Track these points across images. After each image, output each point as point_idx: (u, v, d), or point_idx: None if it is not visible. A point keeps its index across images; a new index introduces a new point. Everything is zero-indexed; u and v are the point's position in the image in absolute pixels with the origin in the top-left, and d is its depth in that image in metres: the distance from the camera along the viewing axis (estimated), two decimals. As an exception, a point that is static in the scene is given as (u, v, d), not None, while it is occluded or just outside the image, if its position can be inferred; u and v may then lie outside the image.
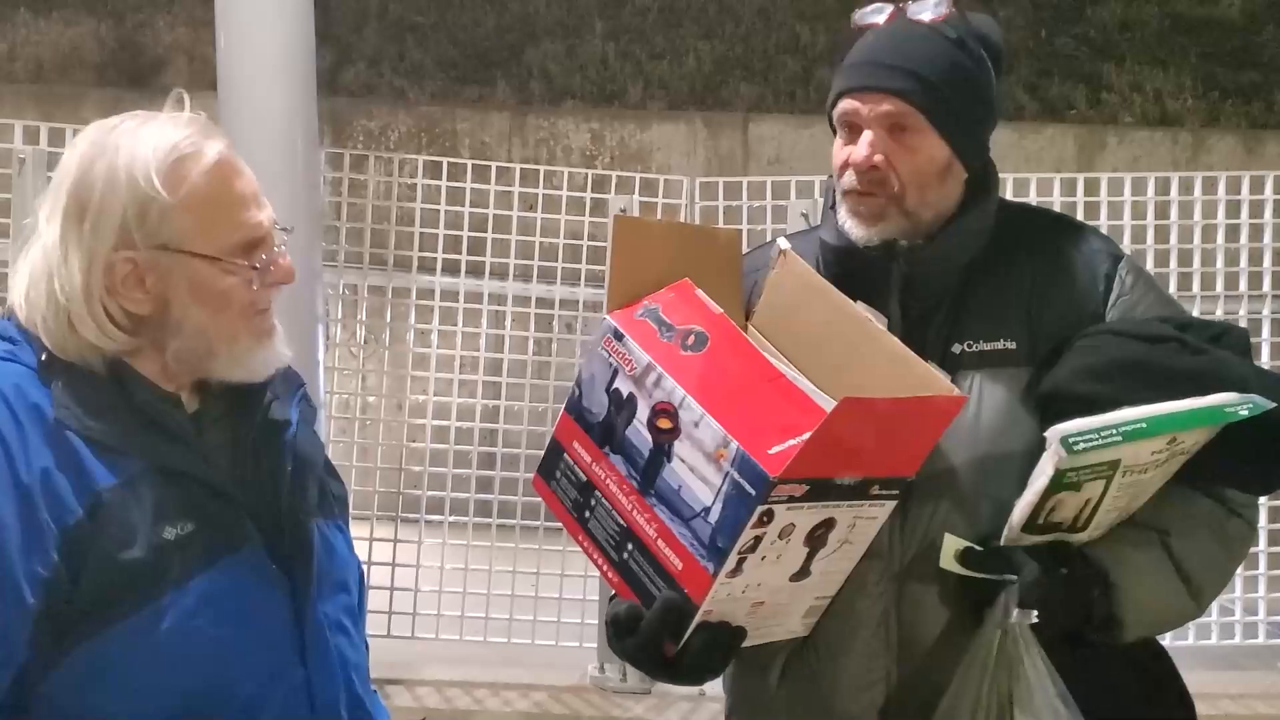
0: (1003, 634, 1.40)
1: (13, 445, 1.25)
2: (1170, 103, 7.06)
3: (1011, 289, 1.54)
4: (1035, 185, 4.38)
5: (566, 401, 1.46)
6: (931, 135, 1.52)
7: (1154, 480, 1.43)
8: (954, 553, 1.41)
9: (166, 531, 1.29)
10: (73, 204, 1.32)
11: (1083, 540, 1.44)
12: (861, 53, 1.55)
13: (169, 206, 1.31)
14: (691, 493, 1.30)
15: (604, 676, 4.09)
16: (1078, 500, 1.39)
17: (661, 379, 1.36)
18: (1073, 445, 1.33)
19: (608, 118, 6.74)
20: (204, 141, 1.34)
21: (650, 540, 1.34)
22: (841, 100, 1.55)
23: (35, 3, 7.27)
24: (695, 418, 1.32)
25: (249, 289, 1.36)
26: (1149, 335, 1.46)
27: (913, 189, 1.52)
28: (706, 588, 1.29)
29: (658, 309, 1.43)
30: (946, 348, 1.51)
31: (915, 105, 1.51)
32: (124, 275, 1.31)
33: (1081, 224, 1.70)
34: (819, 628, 1.46)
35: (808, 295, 1.49)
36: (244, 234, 1.35)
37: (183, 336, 1.34)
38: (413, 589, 4.28)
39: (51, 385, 1.30)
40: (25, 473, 1.25)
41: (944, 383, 1.38)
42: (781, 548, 1.31)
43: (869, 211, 1.53)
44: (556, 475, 1.46)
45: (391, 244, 4.50)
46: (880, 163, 1.51)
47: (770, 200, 4.37)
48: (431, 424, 4.51)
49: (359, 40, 7.20)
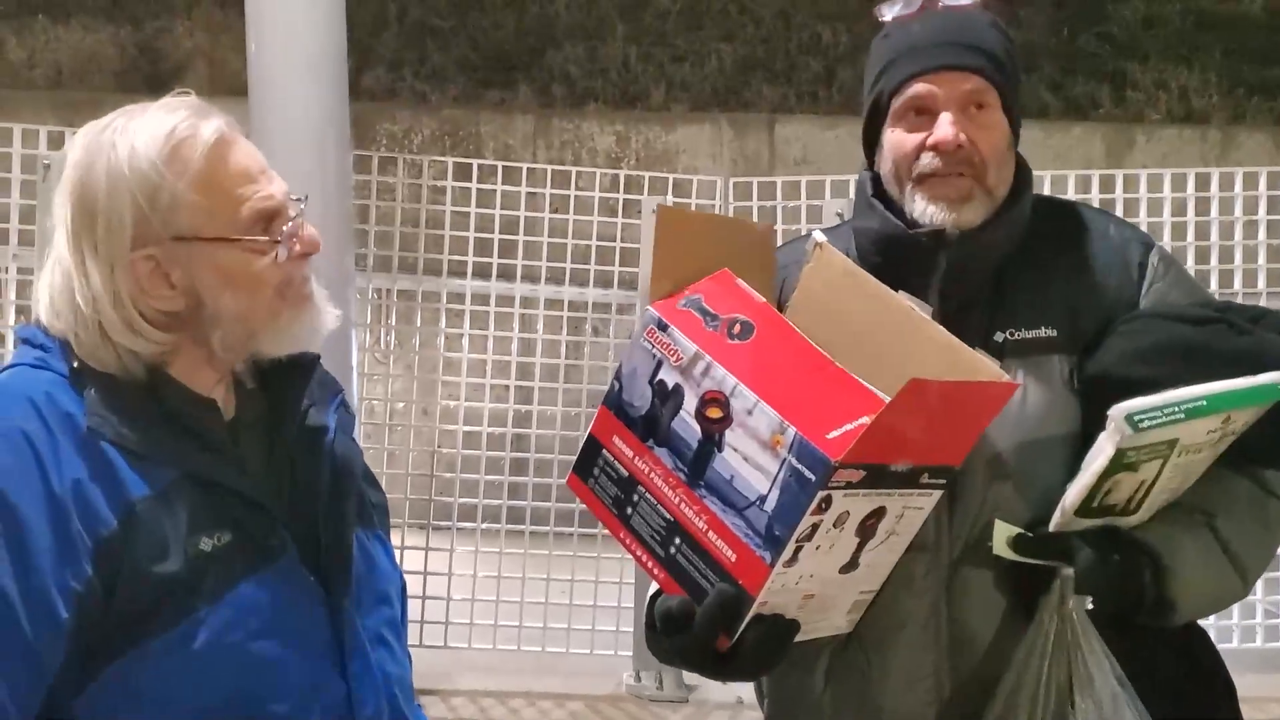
0: (1060, 620, 1.38)
1: (45, 455, 1.21)
2: (1196, 100, 7.02)
3: (1049, 278, 1.54)
4: (1073, 182, 4.34)
5: (605, 397, 1.43)
6: (1001, 114, 1.53)
7: (1204, 461, 1.42)
8: (1006, 539, 1.39)
9: (203, 543, 1.25)
10: (80, 211, 1.28)
11: (1132, 524, 1.43)
12: (921, 37, 1.54)
13: (176, 192, 1.27)
14: (745, 481, 1.28)
15: (640, 685, 4.04)
16: (1133, 481, 1.38)
17: (711, 368, 1.34)
18: (1138, 422, 1.32)
19: (633, 120, 6.71)
20: (200, 122, 1.29)
21: (700, 533, 1.31)
22: (912, 84, 1.53)
23: (54, 9, 7.27)
24: (748, 405, 1.30)
25: (278, 266, 1.31)
26: (1194, 318, 1.47)
27: (993, 166, 1.52)
28: (764, 578, 1.26)
29: (700, 299, 1.41)
30: (988, 337, 1.51)
31: (991, 82, 1.52)
32: (148, 273, 1.28)
33: (1110, 214, 1.71)
34: (865, 624, 1.44)
35: (846, 287, 1.47)
36: (255, 207, 1.30)
37: (222, 325, 1.31)
38: (445, 597, 4.25)
39: (84, 393, 1.26)
40: (58, 483, 1.21)
41: (994, 368, 1.37)
42: (835, 537, 1.29)
43: (956, 194, 1.52)
44: (594, 473, 1.43)
45: (421, 247, 4.46)
46: (965, 141, 1.50)
47: (805, 200, 4.33)
48: (462, 429, 4.47)
49: (379, 44, 7.18)
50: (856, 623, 1.43)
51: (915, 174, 1.53)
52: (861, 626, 1.44)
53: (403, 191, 4.52)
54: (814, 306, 1.48)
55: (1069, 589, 1.38)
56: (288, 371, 1.39)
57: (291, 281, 1.33)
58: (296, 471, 1.37)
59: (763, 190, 4.45)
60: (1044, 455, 1.46)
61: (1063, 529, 1.40)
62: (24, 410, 1.24)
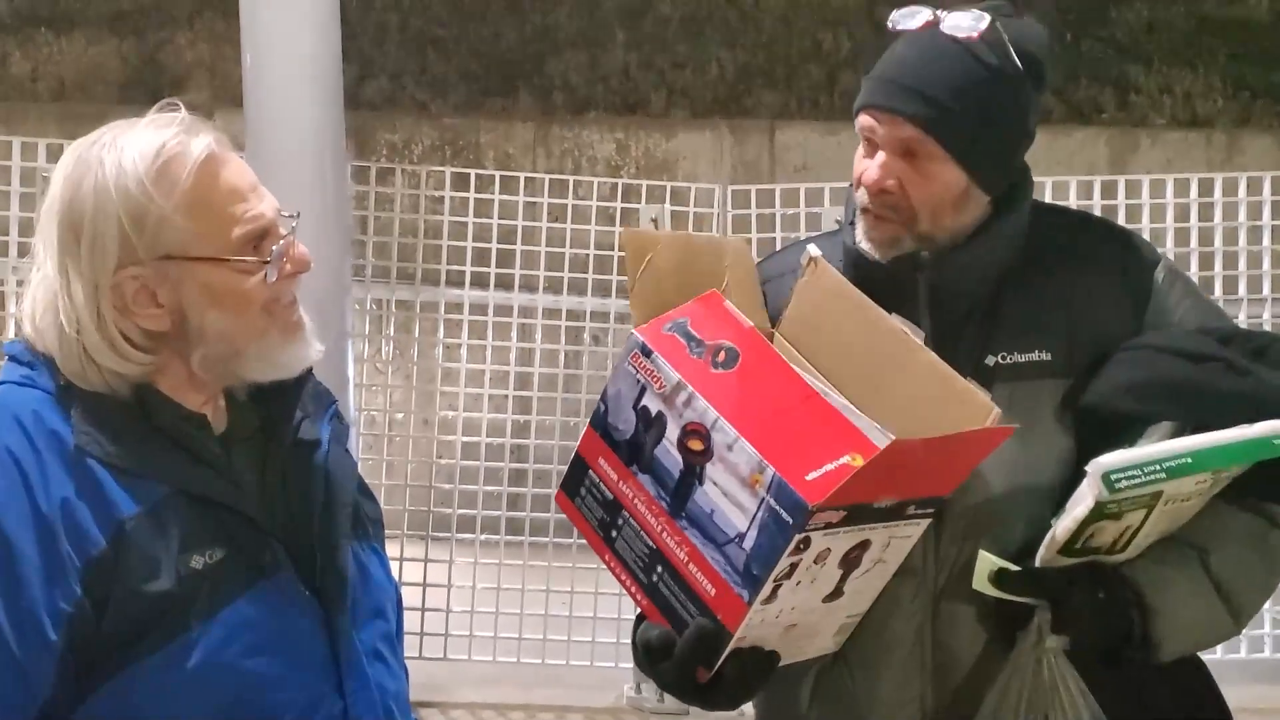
0: (1037, 660, 1.37)
1: (31, 475, 1.20)
2: (1200, 104, 6.98)
3: (1046, 297, 1.50)
4: (1074, 188, 4.31)
5: (591, 416, 1.42)
6: (948, 164, 1.46)
7: (1194, 507, 1.39)
8: (988, 574, 1.37)
9: (194, 560, 1.24)
10: (66, 229, 1.26)
11: (1120, 560, 1.40)
12: (886, 67, 1.49)
13: (164, 213, 1.25)
14: (725, 517, 1.26)
15: (640, 697, 4.02)
16: (1117, 528, 1.35)
17: (693, 399, 1.31)
18: (1114, 483, 1.29)
19: (633, 127, 6.69)
20: (189, 139, 1.28)
21: (681, 564, 1.30)
22: (861, 114, 1.50)
23: (58, 22, 7.28)
24: (729, 440, 1.28)
25: (265, 285, 1.29)
26: (1193, 353, 1.42)
27: (925, 214, 1.47)
28: (741, 615, 1.25)
29: (686, 322, 1.39)
30: (979, 360, 1.47)
31: (931, 133, 1.44)
32: (134, 293, 1.26)
33: (1116, 226, 1.66)
34: (852, 646, 1.43)
35: (839, 305, 1.45)
36: (246, 228, 1.29)
37: (206, 343, 1.29)
38: (444, 609, 4.22)
39: (71, 410, 1.25)
40: (45, 503, 1.20)
41: (985, 401, 1.34)
42: (816, 572, 1.27)
43: (880, 237, 1.50)
44: (581, 492, 1.41)
45: (419, 257, 4.45)
46: (892, 187, 1.46)
47: (804, 208, 4.31)
48: (460, 440, 4.45)
49: (380, 54, 7.18)
50: (843, 642, 1.42)
51: (858, 204, 1.51)
52: (848, 647, 1.43)
53: (401, 202, 4.51)
54: (806, 323, 1.47)
55: (1046, 628, 1.37)
56: (280, 384, 1.37)
57: (279, 299, 1.32)
58: (290, 485, 1.35)
59: (761, 198, 4.43)
60: (1032, 485, 1.43)
61: (1048, 564, 1.38)
62: (10, 429, 1.22)
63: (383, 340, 4.83)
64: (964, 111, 1.44)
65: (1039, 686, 1.37)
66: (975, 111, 1.45)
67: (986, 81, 1.45)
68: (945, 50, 1.46)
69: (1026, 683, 1.37)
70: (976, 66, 1.45)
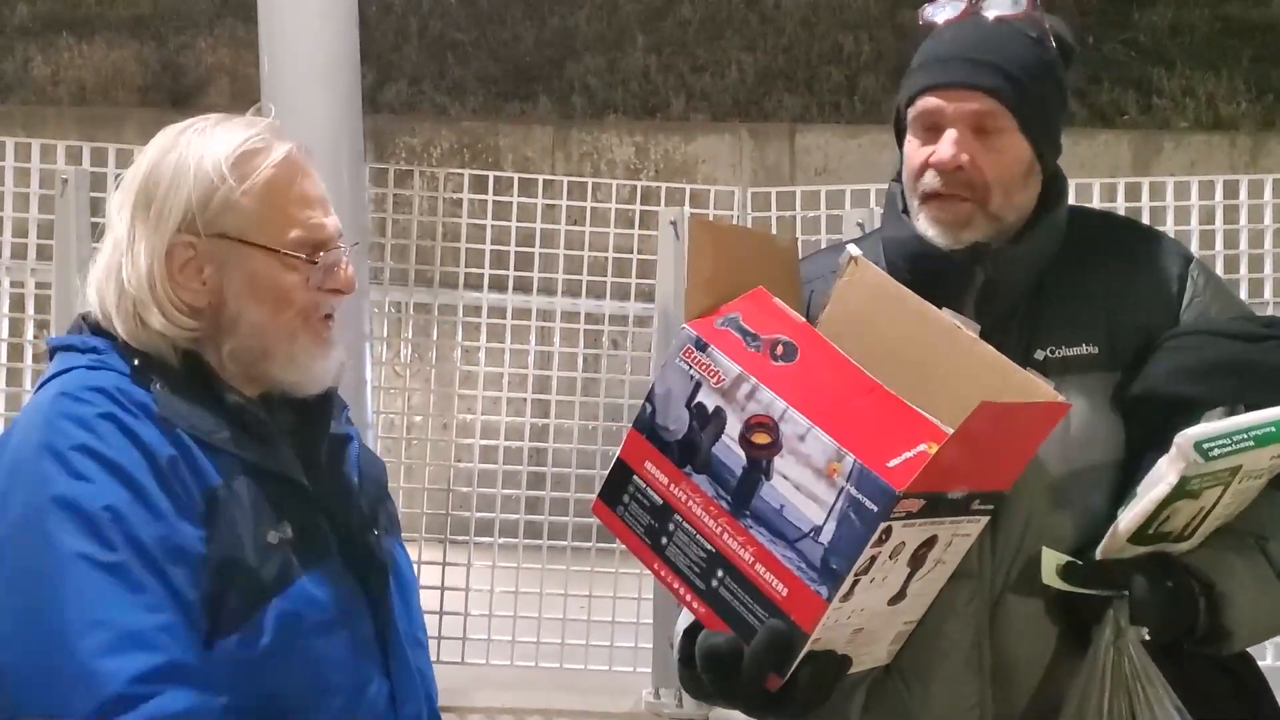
0: (1116, 652, 1.34)
1: (140, 435, 1.24)
2: (1224, 107, 6.92)
3: (1088, 293, 1.49)
4: (1098, 190, 4.27)
5: (635, 419, 1.36)
6: (1017, 136, 1.46)
7: (1259, 486, 1.37)
8: (1056, 568, 1.34)
9: (270, 535, 1.28)
10: (141, 195, 1.34)
11: (1184, 550, 1.38)
12: (943, 48, 1.49)
13: (232, 195, 1.32)
14: (797, 511, 1.21)
15: (659, 702, 4.00)
16: (1193, 509, 1.33)
17: (756, 391, 1.27)
18: (1208, 451, 1.26)
19: (652, 130, 6.67)
20: (274, 140, 1.36)
21: (746, 565, 1.24)
22: (922, 97, 1.48)
23: (79, 26, 7.32)
24: (800, 431, 1.23)
25: (308, 289, 1.34)
26: (1244, 334, 1.42)
27: (998, 191, 1.46)
28: (819, 614, 1.19)
29: (738, 317, 1.34)
30: (1028, 354, 1.46)
31: (1005, 104, 1.45)
32: (183, 262, 1.32)
33: (1147, 226, 1.66)
34: (905, 655, 1.38)
35: (886, 303, 1.41)
36: (305, 232, 1.34)
37: (238, 335, 1.33)
38: (462, 613, 4.21)
39: (150, 386, 1.29)
40: (161, 456, 1.24)
41: (1048, 389, 1.30)
42: (889, 568, 1.22)
43: (953, 218, 1.47)
44: (624, 500, 1.35)
45: (437, 260, 4.44)
46: (966, 163, 1.45)
47: (824, 210, 4.29)
48: (479, 443, 4.44)
49: (400, 58, 7.19)
50: (896, 654, 1.38)
51: (920, 191, 1.49)
52: (901, 657, 1.39)
53: (419, 204, 4.50)
54: (849, 323, 1.42)
55: (1125, 619, 1.33)
56: None
57: (318, 309, 1.36)
58: (330, 475, 1.39)
59: (781, 200, 4.41)
60: (1088, 478, 1.41)
61: (1111, 555, 1.35)
62: (101, 400, 1.26)
63: (401, 343, 4.82)
64: (1031, 83, 1.46)
65: (1120, 680, 1.33)
66: (1038, 84, 1.47)
67: (1040, 56, 1.48)
68: (998, 29, 1.48)
69: (1109, 678, 1.33)
70: (1030, 42, 1.48)
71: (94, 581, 1.17)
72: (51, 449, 1.22)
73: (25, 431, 1.26)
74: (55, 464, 1.21)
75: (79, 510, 1.19)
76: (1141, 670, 1.33)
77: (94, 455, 1.22)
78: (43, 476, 1.21)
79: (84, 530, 1.19)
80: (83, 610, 1.16)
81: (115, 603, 1.17)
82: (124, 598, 1.18)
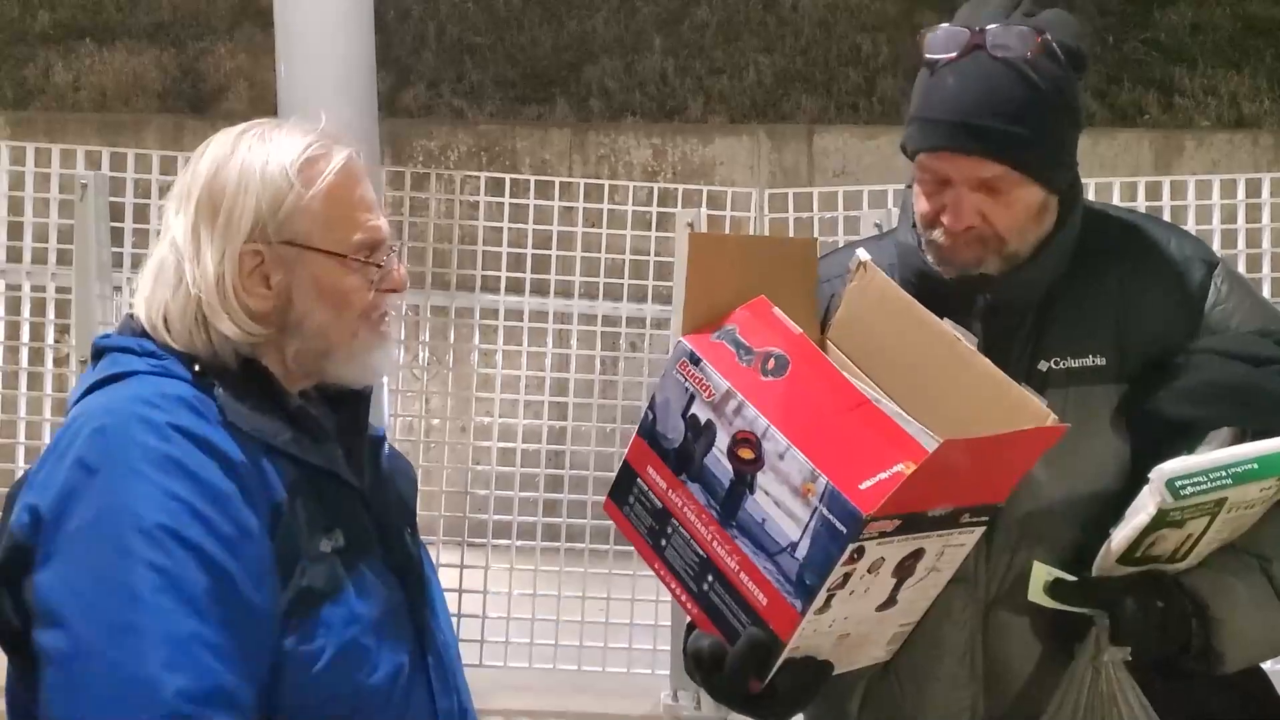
0: (1094, 671, 1.35)
1: (215, 443, 1.26)
2: (1246, 105, 6.87)
3: (1099, 301, 1.47)
4: (1118, 189, 4.24)
5: (639, 425, 1.41)
6: (1027, 186, 1.43)
7: (1257, 514, 1.36)
8: (1044, 584, 1.35)
9: (323, 544, 1.30)
10: (205, 199, 1.35)
11: (1180, 569, 1.37)
12: (943, 106, 1.43)
13: (301, 202, 1.34)
14: (777, 527, 1.25)
15: (678, 705, 3.99)
16: (1179, 536, 1.32)
17: (743, 407, 1.30)
18: (1179, 490, 1.26)
19: (669, 133, 6.67)
20: (333, 145, 1.38)
21: (732, 573, 1.29)
22: (924, 155, 1.45)
23: (99, 33, 7.37)
24: (780, 449, 1.26)
25: (368, 290, 1.38)
26: (1252, 356, 1.39)
27: (1013, 237, 1.45)
28: (794, 625, 1.24)
29: (734, 330, 1.38)
30: (1032, 365, 1.45)
31: (1014, 165, 1.41)
32: (250, 269, 1.34)
33: (1169, 225, 1.61)
34: (902, 654, 1.40)
35: (890, 311, 1.42)
36: (367, 235, 1.38)
37: (303, 336, 1.36)
38: (480, 615, 4.21)
39: (214, 392, 1.31)
40: (238, 461, 1.26)
41: (1040, 408, 1.31)
42: (870, 581, 1.26)
43: (966, 261, 1.46)
44: (630, 500, 1.41)
45: (454, 263, 4.44)
46: (978, 222, 1.43)
47: (842, 211, 4.27)
48: (497, 446, 4.44)
49: (418, 62, 7.21)
50: (895, 652, 1.40)
51: (930, 236, 1.48)
52: (897, 657, 1.40)
53: (436, 207, 4.51)
54: (856, 328, 1.45)
55: (1105, 639, 1.34)
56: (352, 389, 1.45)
57: (377, 308, 1.40)
58: (373, 476, 1.42)
59: (799, 202, 4.40)
60: (1087, 493, 1.40)
61: (1104, 573, 1.34)
62: (175, 407, 1.27)
63: (419, 347, 4.83)
64: (1036, 135, 1.41)
65: (1096, 699, 1.34)
66: (1045, 130, 1.42)
67: (1047, 98, 1.42)
68: (1001, 75, 1.41)
69: (1084, 695, 1.34)
70: (1036, 85, 1.41)
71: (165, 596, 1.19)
72: (134, 461, 1.23)
73: (106, 436, 1.25)
74: (138, 477, 1.22)
75: (160, 525, 1.21)
76: (1119, 690, 1.34)
77: (180, 469, 1.23)
78: (127, 488, 1.22)
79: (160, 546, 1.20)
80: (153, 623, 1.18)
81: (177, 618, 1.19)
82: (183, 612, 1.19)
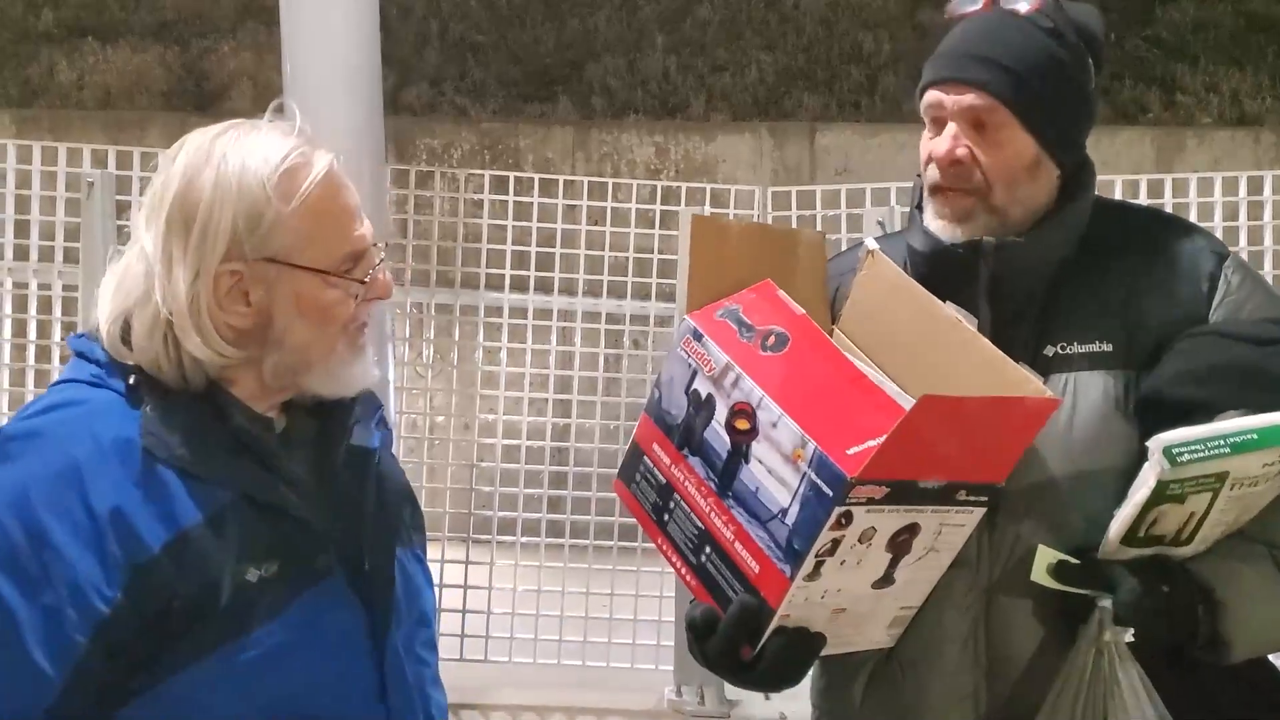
0: (1098, 653, 1.35)
1: (89, 480, 1.21)
2: (1248, 103, 6.88)
3: (1107, 288, 1.48)
4: (1119, 186, 4.25)
5: (646, 403, 1.44)
6: (1018, 130, 1.46)
7: (1266, 493, 1.35)
8: (1047, 566, 1.36)
9: (250, 573, 1.25)
10: (178, 213, 1.27)
11: (1186, 555, 1.37)
12: (950, 43, 1.51)
13: (280, 217, 1.27)
14: (769, 494, 1.28)
15: (681, 700, 3.99)
16: (1181, 513, 1.32)
17: (740, 379, 1.34)
18: (1176, 457, 1.26)
19: (672, 130, 6.68)
20: (313, 153, 1.31)
21: (728, 543, 1.32)
22: (928, 91, 1.50)
23: (104, 32, 7.39)
24: (773, 418, 1.29)
25: (351, 304, 1.32)
26: (1255, 337, 1.40)
27: (1000, 185, 1.46)
28: (783, 591, 1.27)
29: (738, 309, 1.41)
30: (1038, 350, 1.46)
31: (1000, 99, 1.45)
32: (228, 288, 1.28)
33: (1183, 220, 1.62)
34: (905, 640, 1.42)
35: (895, 296, 1.45)
36: (350, 247, 1.32)
37: (282, 351, 1.31)
38: (485, 611, 4.22)
39: (141, 410, 1.25)
40: (99, 507, 1.21)
41: (1036, 385, 1.33)
42: (862, 552, 1.27)
43: (955, 211, 1.48)
44: (636, 478, 1.45)
45: (458, 261, 4.46)
46: (963, 156, 1.46)
47: (845, 209, 4.29)
48: (501, 443, 4.46)
49: (420, 61, 7.22)
50: (898, 637, 1.40)
51: (927, 184, 1.51)
52: (902, 642, 1.41)
53: (440, 206, 4.52)
54: (864, 315, 1.47)
55: (1108, 620, 1.35)
56: None
57: (357, 320, 1.34)
58: (344, 492, 1.36)
59: (801, 199, 4.40)
60: (1093, 478, 1.40)
61: (1109, 557, 1.35)
62: (79, 438, 1.24)
63: (423, 344, 4.84)
64: (1030, 76, 1.45)
65: (1098, 680, 1.34)
66: (1041, 77, 1.46)
67: (1049, 49, 1.47)
68: (1008, 23, 1.48)
69: (1086, 676, 1.35)
70: (1038, 35, 1.47)
71: None
72: None
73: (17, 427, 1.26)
74: None
75: None
76: (1121, 672, 1.34)
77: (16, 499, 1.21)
78: None
79: None
80: None
81: None
82: None
